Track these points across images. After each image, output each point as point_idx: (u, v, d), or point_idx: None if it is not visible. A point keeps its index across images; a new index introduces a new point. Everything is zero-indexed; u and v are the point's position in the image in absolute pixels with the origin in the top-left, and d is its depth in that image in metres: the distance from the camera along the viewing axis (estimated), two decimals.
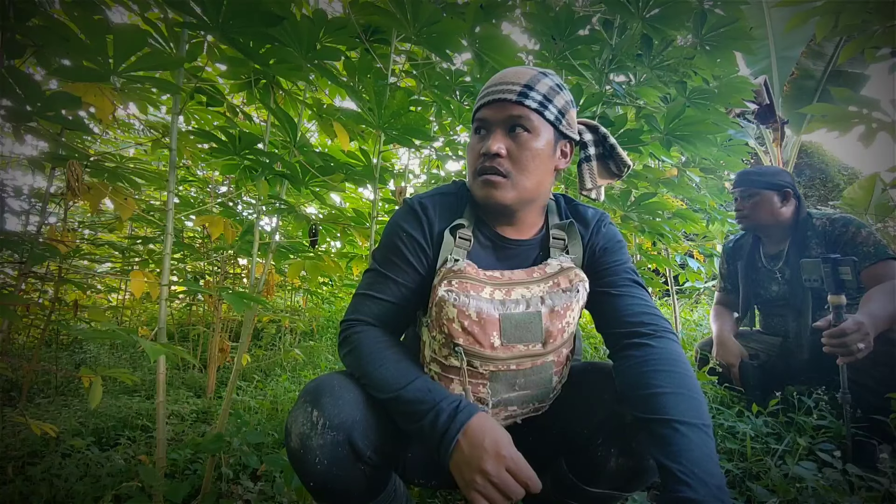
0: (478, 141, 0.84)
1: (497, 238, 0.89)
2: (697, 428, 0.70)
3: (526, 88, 0.81)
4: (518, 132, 0.81)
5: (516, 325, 0.78)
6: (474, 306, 0.76)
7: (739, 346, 1.69)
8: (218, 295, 1.81)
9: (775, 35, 5.24)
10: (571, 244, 0.90)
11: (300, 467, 0.77)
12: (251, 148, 1.31)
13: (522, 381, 0.81)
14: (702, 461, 0.67)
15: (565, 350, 0.84)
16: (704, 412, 0.72)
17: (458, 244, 0.85)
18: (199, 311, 3.25)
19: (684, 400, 0.72)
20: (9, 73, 0.92)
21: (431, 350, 0.82)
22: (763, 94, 4.97)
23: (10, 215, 1.85)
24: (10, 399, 2.05)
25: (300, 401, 0.79)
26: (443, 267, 0.82)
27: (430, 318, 0.81)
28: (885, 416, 1.26)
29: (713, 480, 0.65)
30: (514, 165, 0.81)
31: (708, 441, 0.69)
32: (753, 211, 1.73)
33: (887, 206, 3.24)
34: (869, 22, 1.19)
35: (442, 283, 0.78)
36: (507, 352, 0.78)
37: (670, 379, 0.75)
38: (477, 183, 0.83)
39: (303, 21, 1.13)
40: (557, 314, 0.79)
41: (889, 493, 1.03)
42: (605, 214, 0.95)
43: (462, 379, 0.79)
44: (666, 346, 0.80)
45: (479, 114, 0.84)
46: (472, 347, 0.77)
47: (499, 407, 0.82)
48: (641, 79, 1.74)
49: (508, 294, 0.79)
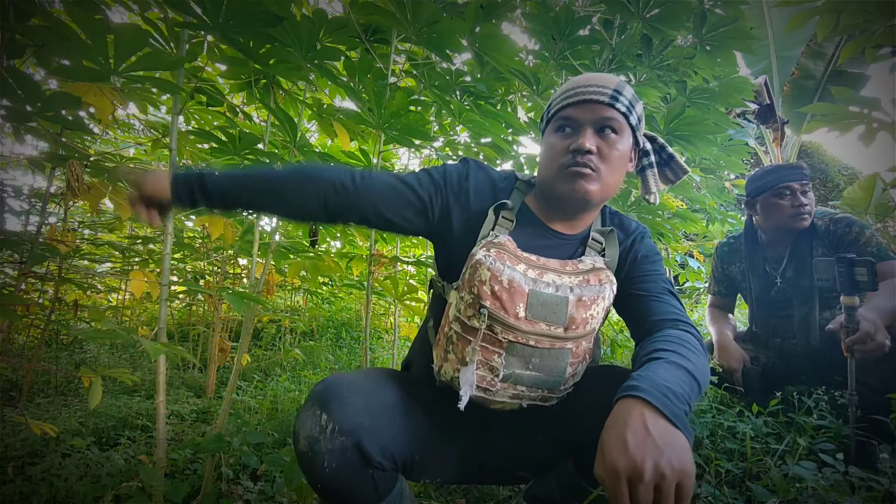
0: (563, 138, 0.86)
1: (541, 226, 0.92)
2: (675, 365, 0.71)
3: (616, 92, 0.85)
4: (607, 133, 0.85)
5: (543, 303, 0.79)
6: (508, 274, 0.78)
7: (741, 351, 1.66)
8: (218, 295, 1.81)
9: (775, 35, 5.24)
10: (609, 248, 0.93)
11: (309, 471, 0.77)
12: (251, 148, 1.31)
13: (537, 360, 0.81)
14: (662, 374, 0.69)
15: (585, 344, 0.85)
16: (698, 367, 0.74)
17: (501, 223, 0.88)
18: (199, 311, 3.25)
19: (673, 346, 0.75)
20: (9, 73, 0.92)
21: (457, 309, 0.82)
22: (763, 94, 4.96)
23: (10, 215, 1.85)
24: (10, 399, 2.05)
25: (308, 403, 0.80)
26: (484, 239, 0.85)
27: (462, 280, 0.83)
28: (885, 416, 1.26)
29: (662, 381, 0.67)
30: (603, 163, 0.85)
31: (678, 371, 0.71)
32: (812, 209, 1.62)
33: (887, 206, 3.24)
34: (870, 21, 1.18)
35: (481, 250, 0.81)
36: (529, 325, 0.79)
37: (670, 344, 0.77)
38: (563, 175, 0.85)
39: (303, 21, 1.13)
40: (584, 304, 0.81)
41: (889, 493, 1.03)
42: (646, 229, 0.99)
43: (480, 344, 0.80)
44: (680, 333, 0.81)
45: (565, 112, 0.86)
46: (497, 312, 0.78)
47: (508, 382, 0.82)
48: (641, 79, 1.74)
49: (541, 275, 0.81)
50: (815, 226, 1.62)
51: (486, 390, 0.82)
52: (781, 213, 1.63)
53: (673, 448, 0.60)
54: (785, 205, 1.62)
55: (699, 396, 0.73)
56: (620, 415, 0.64)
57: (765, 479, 1.17)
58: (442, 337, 0.85)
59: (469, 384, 0.79)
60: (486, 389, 0.82)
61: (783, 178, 1.62)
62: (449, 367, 0.83)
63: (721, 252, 1.89)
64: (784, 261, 1.68)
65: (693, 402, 0.70)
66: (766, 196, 1.65)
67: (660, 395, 0.64)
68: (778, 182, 1.62)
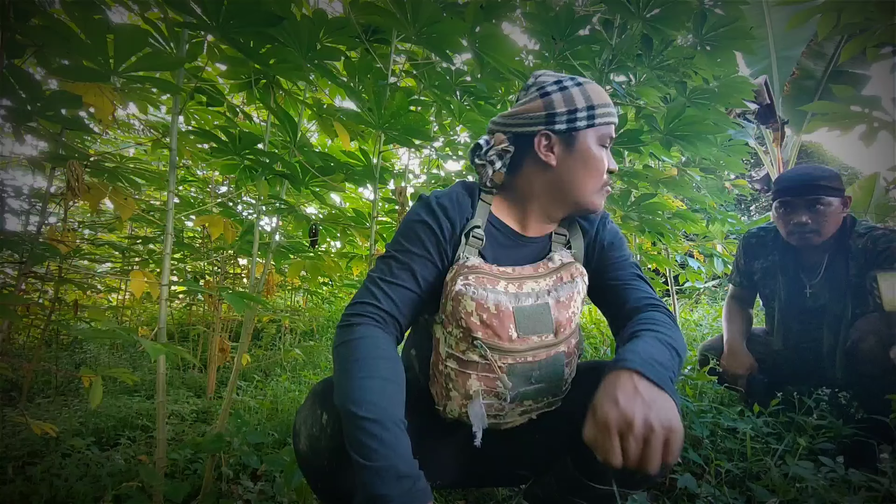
0: (605, 156, 0.89)
1: (511, 234, 0.91)
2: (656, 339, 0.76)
3: None
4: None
5: (529, 316, 0.80)
6: (493, 299, 0.78)
7: (751, 358, 1.61)
8: (218, 295, 1.81)
9: (776, 35, 5.23)
10: (573, 239, 0.94)
11: (309, 470, 0.77)
12: (251, 148, 1.31)
13: (538, 373, 0.82)
14: (646, 347, 0.73)
15: (573, 340, 0.87)
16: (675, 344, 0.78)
17: (471, 243, 0.86)
18: (199, 311, 3.25)
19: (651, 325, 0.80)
20: (9, 72, 0.92)
21: (448, 346, 0.81)
22: (763, 94, 4.96)
23: (10, 215, 1.85)
24: (10, 399, 2.05)
25: (308, 402, 0.79)
26: (455, 264, 0.83)
27: (445, 314, 0.81)
28: (885, 417, 1.26)
29: (647, 353, 0.71)
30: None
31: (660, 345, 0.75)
32: (823, 225, 1.48)
33: (887, 206, 3.24)
34: (870, 20, 1.18)
35: (458, 279, 0.79)
36: (523, 343, 0.79)
37: (648, 324, 0.81)
38: (601, 193, 0.89)
39: (303, 21, 1.13)
40: (563, 304, 0.82)
41: (889, 493, 1.02)
42: (606, 213, 0.99)
43: (480, 374, 0.79)
44: (655, 314, 0.85)
45: (610, 131, 0.89)
46: (490, 340, 0.78)
47: (516, 402, 0.83)
48: (641, 79, 1.74)
49: (520, 287, 0.82)
50: (851, 241, 1.50)
51: (497, 416, 0.83)
52: (783, 228, 1.57)
53: (661, 406, 0.64)
54: (785, 221, 1.55)
55: (680, 366, 0.78)
56: (611, 383, 0.68)
57: (765, 479, 1.17)
58: (438, 375, 0.83)
59: (480, 419, 0.79)
60: (494, 416, 0.83)
61: (784, 192, 1.53)
62: (454, 404, 0.82)
63: (747, 244, 1.76)
64: (819, 273, 1.57)
65: (677, 370, 0.75)
66: (775, 205, 1.58)
67: (646, 363, 0.69)
68: (779, 196, 1.55)
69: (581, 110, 0.86)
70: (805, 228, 1.50)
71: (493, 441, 0.93)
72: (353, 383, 0.70)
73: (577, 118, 0.86)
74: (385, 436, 0.66)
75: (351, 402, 0.68)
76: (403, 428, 0.69)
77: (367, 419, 0.66)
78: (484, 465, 0.96)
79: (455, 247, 0.86)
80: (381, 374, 0.72)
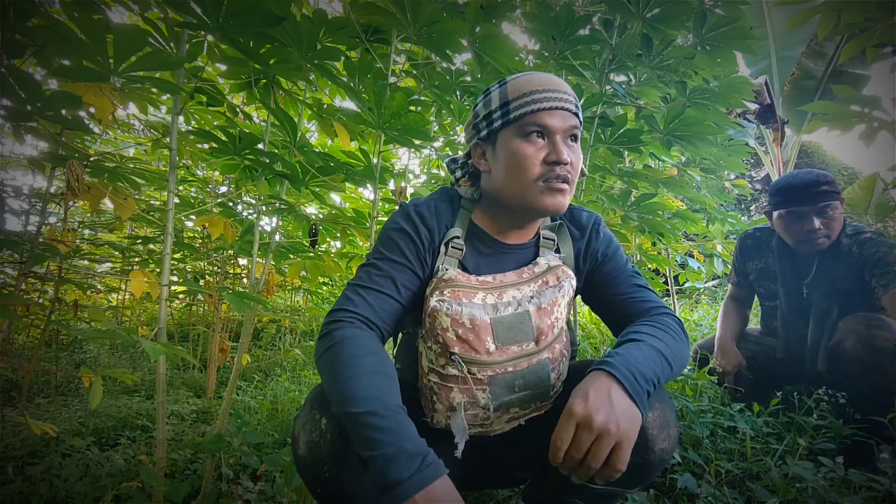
0: (538, 148, 0.81)
1: (492, 242, 0.90)
2: (650, 347, 0.76)
3: (576, 100, 0.84)
4: (573, 143, 0.83)
5: (508, 327, 0.79)
6: (467, 314, 0.78)
7: (739, 356, 1.66)
8: (218, 295, 1.81)
9: (776, 35, 5.23)
10: (562, 244, 0.92)
11: (308, 475, 0.76)
12: (251, 148, 1.31)
13: (521, 381, 0.82)
14: (636, 354, 0.74)
15: (558, 346, 0.86)
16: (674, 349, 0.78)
17: (450, 253, 0.85)
18: (199, 311, 3.25)
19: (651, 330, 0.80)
20: (9, 72, 0.92)
21: (429, 360, 0.82)
22: (763, 94, 4.96)
23: (10, 215, 1.85)
24: (10, 399, 2.05)
25: (307, 407, 0.79)
26: (433, 277, 0.83)
27: (425, 329, 0.81)
28: (881, 417, 1.27)
29: (634, 361, 0.72)
30: (573, 174, 0.83)
31: (652, 353, 0.75)
32: (833, 229, 1.50)
33: (887, 206, 3.24)
34: (870, 20, 1.18)
35: (434, 294, 0.79)
36: (502, 355, 0.79)
37: (649, 328, 0.81)
38: (540, 189, 0.81)
39: (303, 21, 1.13)
40: (545, 311, 0.82)
41: (889, 493, 1.03)
42: (598, 217, 0.97)
43: (462, 387, 0.79)
44: (660, 318, 0.84)
45: (538, 118, 0.80)
46: (468, 355, 0.78)
47: (500, 410, 0.83)
48: (641, 79, 1.74)
49: (500, 297, 0.81)
50: (840, 244, 1.52)
51: (482, 425, 0.84)
52: (792, 236, 1.56)
53: (625, 416, 0.67)
54: (795, 229, 1.53)
55: (671, 377, 0.78)
56: (589, 381, 0.71)
57: (765, 479, 1.17)
58: (423, 388, 0.85)
59: (462, 431, 0.80)
60: (481, 425, 0.84)
61: (795, 202, 1.51)
62: (440, 416, 0.83)
63: (743, 245, 1.79)
64: (812, 272, 1.59)
65: (661, 382, 0.76)
66: (781, 213, 1.56)
67: (628, 373, 0.70)
68: (789, 205, 1.53)
69: (495, 111, 0.83)
70: (818, 234, 1.49)
71: (488, 445, 0.93)
72: (342, 385, 0.69)
73: (492, 120, 0.84)
74: (384, 423, 0.65)
75: (344, 403, 0.67)
76: (403, 412, 0.68)
77: (364, 413, 0.65)
78: (480, 469, 0.96)
79: (435, 255, 0.86)
80: (368, 370, 0.71)
